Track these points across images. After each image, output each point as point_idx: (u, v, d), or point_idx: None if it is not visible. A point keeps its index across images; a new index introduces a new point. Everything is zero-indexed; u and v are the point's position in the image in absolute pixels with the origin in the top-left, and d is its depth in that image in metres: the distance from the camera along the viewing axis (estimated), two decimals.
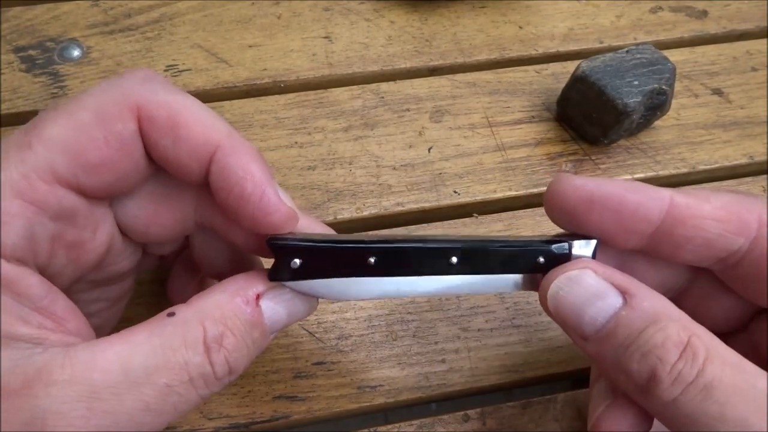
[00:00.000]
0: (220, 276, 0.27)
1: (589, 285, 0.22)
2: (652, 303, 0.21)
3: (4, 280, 0.20)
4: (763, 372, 0.20)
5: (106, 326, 0.27)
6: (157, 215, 0.25)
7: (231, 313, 0.22)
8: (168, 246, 0.27)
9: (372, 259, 0.23)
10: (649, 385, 0.20)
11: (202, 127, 0.22)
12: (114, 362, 0.20)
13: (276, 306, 0.23)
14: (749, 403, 0.19)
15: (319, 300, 0.25)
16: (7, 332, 0.20)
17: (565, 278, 0.23)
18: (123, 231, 0.25)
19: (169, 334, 0.21)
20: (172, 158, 0.22)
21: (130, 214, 0.24)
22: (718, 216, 0.23)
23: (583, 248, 0.24)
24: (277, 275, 0.23)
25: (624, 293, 0.22)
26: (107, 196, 0.23)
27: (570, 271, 0.23)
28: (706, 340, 0.20)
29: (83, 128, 0.21)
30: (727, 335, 0.26)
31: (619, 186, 0.23)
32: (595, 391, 0.25)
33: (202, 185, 0.23)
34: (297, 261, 0.23)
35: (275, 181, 0.23)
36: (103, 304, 0.26)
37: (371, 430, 0.30)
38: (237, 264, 0.27)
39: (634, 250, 0.24)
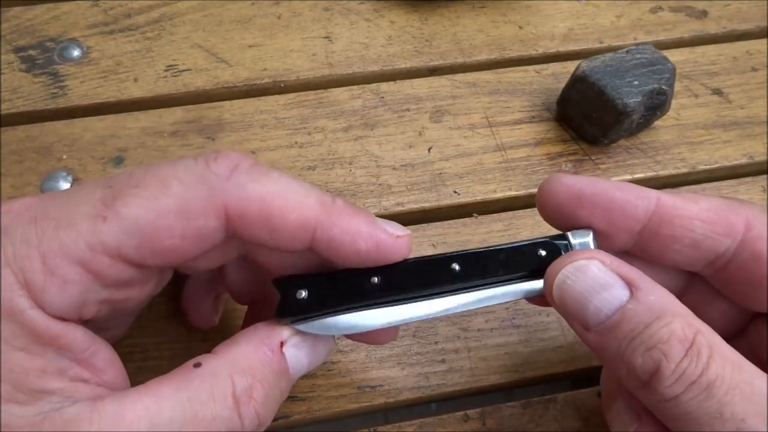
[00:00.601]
0: (250, 300, 0.28)
1: (595, 275, 0.22)
2: (658, 297, 0.21)
3: (49, 336, 0.20)
4: (762, 373, 0.20)
5: (118, 335, 0.27)
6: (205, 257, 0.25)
7: (259, 364, 0.22)
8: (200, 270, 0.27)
9: (375, 279, 0.23)
10: (651, 381, 0.20)
11: (295, 211, 0.22)
12: (142, 417, 0.20)
13: (298, 353, 0.23)
14: (748, 403, 0.19)
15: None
16: (41, 387, 0.20)
17: (572, 267, 0.23)
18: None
19: (197, 388, 0.21)
20: (272, 245, 0.23)
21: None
22: (705, 217, 0.23)
23: (581, 237, 0.24)
24: (285, 311, 0.23)
25: (630, 285, 0.22)
26: (164, 270, 0.24)
27: (578, 260, 0.23)
28: (709, 338, 0.20)
29: (163, 216, 0.21)
30: (725, 340, 0.26)
31: (608, 184, 0.24)
32: (615, 414, 0.24)
33: None
34: (303, 292, 0.23)
35: (373, 217, 0.23)
36: (120, 320, 0.26)
37: (371, 430, 0.30)
38: (269, 290, 0.27)
39: (626, 253, 0.24)
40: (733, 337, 0.26)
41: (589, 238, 0.24)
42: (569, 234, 0.24)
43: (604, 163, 0.38)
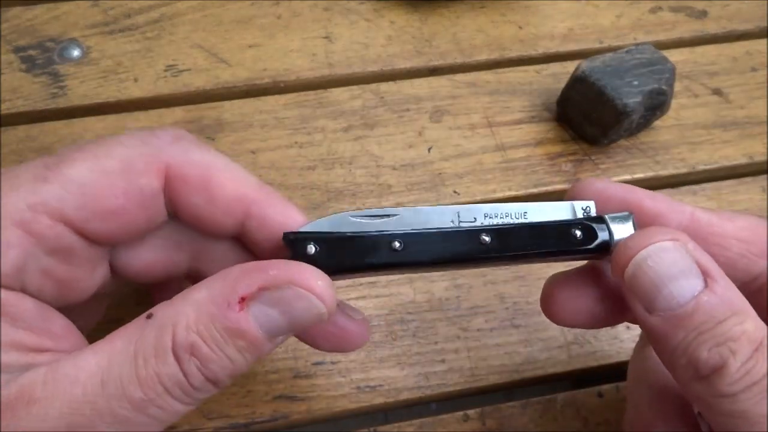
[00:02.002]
0: (153, 282, 0.26)
1: (677, 260, 0.21)
2: (733, 294, 0.21)
3: (3, 306, 0.20)
4: None
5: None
6: (153, 263, 0.24)
7: (206, 318, 0.20)
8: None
9: (396, 244, 0.22)
10: (711, 376, 0.20)
11: (234, 183, 0.22)
12: (94, 375, 0.19)
13: (270, 310, 0.20)
14: None
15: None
16: None
17: (656, 248, 0.21)
18: (113, 270, 0.24)
19: (143, 342, 0.20)
20: (206, 215, 0.22)
21: (126, 259, 0.24)
22: (742, 236, 0.23)
23: (620, 222, 0.23)
24: None
25: (706, 275, 0.21)
26: (107, 244, 0.23)
27: (662, 241, 0.21)
28: None
29: (105, 175, 0.21)
30: None
31: (640, 193, 0.23)
32: None
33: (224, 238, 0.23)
34: (311, 247, 0.22)
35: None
36: (72, 316, 0.26)
37: (371, 429, 0.30)
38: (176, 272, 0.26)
39: None
40: None
41: (629, 224, 0.23)
42: (607, 218, 0.23)
43: (604, 163, 0.38)
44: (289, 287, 0.20)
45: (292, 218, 0.22)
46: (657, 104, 0.37)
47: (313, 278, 0.21)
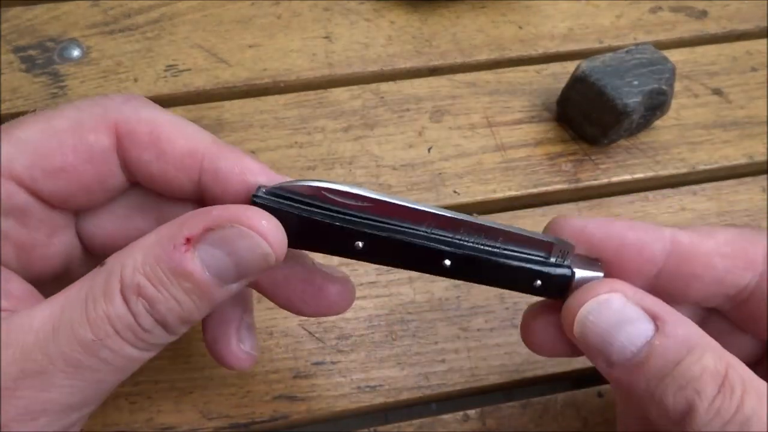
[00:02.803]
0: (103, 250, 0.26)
1: (619, 309, 0.21)
2: (686, 331, 0.20)
3: None
4: None
5: None
6: (118, 233, 0.24)
7: (152, 260, 0.19)
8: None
9: (359, 244, 0.22)
10: (684, 420, 0.19)
11: (185, 138, 0.22)
12: (46, 322, 0.19)
13: (217, 252, 0.20)
14: None
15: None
16: None
17: (594, 303, 0.21)
18: (83, 243, 0.24)
19: (93, 286, 0.20)
20: (157, 172, 0.22)
21: (91, 228, 0.24)
22: (725, 252, 0.22)
23: (589, 271, 0.23)
24: None
25: (655, 319, 0.21)
26: (66, 206, 0.23)
27: (599, 294, 0.21)
28: (740, 371, 0.20)
29: (55, 134, 0.21)
30: None
31: (619, 226, 0.23)
32: None
33: (183, 200, 0.23)
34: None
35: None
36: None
37: (371, 430, 0.30)
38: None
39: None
40: (753, 365, 0.26)
41: (599, 274, 0.22)
42: (576, 271, 0.22)
43: (604, 163, 0.38)
44: (232, 226, 0.20)
45: (249, 169, 0.22)
46: (657, 104, 0.37)
47: (257, 218, 0.20)
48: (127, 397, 0.30)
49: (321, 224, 0.22)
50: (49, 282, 0.23)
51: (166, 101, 0.40)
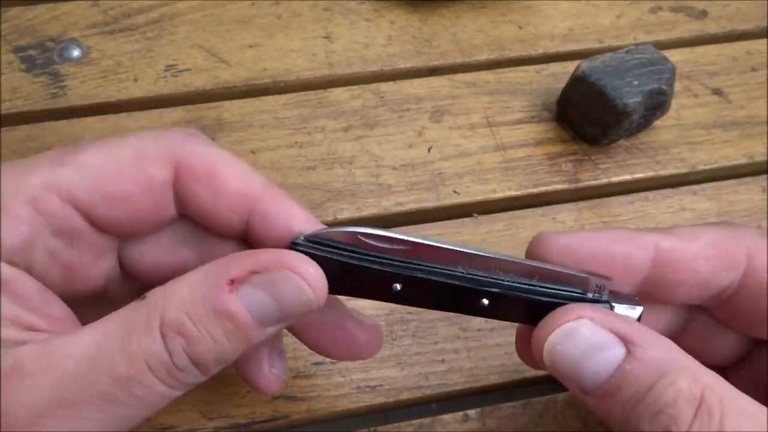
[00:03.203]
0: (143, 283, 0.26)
1: (587, 337, 0.21)
2: (658, 353, 0.20)
3: (3, 279, 0.20)
4: None
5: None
6: (160, 262, 0.25)
7: (196, 299, 0.20)
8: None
9: (398, 286, 0.22)
10: None
11: (241, 180, 0.22)
12: (86, 350, 0.19)
13: (261, 294, 0.20)
14: None
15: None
16: None
17: (560, 332, 0.21)
18: (123, 267, 0.25)
19: (134, 320, 0.20)
20: (210, 209, 0.23)
21: (134, 254, 0.24)
22: (707, 254, 0.23)
23: (628, 309, 0.22)
24: None
25: (627, 342, 0.20)
26: (115, 232, 0.23)
27: (565, 323, 0.21)
28: (718, 391, 0.19)
29: (118, 162, 0.22)
30: (726, 368, 0.26)
31: (603, 239, 0.23)
32: None
33: (232, 238, 0.24)
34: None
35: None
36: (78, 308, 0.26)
37: (371, 429, 0.30)
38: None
39: None
40: (736, 363, 0.26)
41: (637, 312, 0.22)
42: (615, 306, 0.22)
43: (604, 163, 0.38)
44: (279, 271, 0.20)
45: (295, 216, 0.23)
46: (657, 104, 0.37)
47: (304, 264, 0.21)
48: None
49: (359, 268, 0.22)
50: (87, 302, 0.24)
51: (166, 101, 0.40)
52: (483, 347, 0.32)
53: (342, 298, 0.26)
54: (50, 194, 0.21)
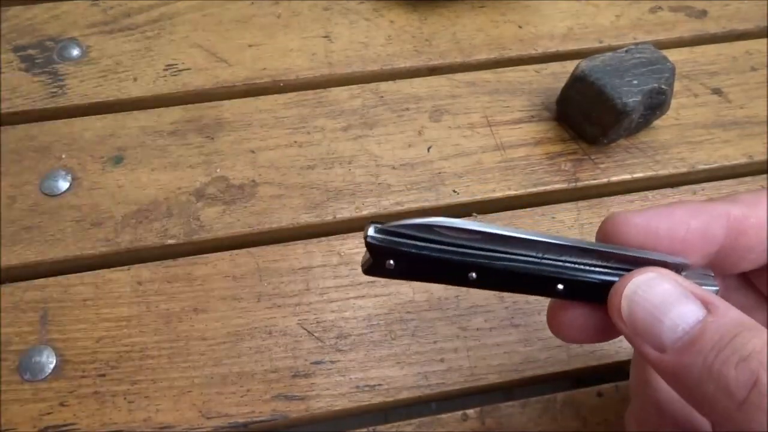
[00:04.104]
0: None
1: (669, 289, 0.20)
2: (738, 313, 0.20)
3: None
4: None
5: None
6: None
7: None
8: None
9: (473, 275, 0.22)
10: (750, 396, 0.18)
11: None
12: None
13: None
14: None
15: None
16: None
17: (644, 279, 0.21)
18: None
19: None
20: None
21: None
22: None
23: (707, 285, 0.22)
24: (371, 271, 0.22)
25: (706, 304, 0.20)
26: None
27: (650, 273, 0.21)
28: None
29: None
30: None
31: (679, 214, 0.22)
32: None
33: None
34: (391, 262, 0.22)
35: None
36: None
37: (370, 429, 0.30)
38: None
39: None
40: None
41: (714, 288, 0.22)
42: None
43: (604, 162, 0.38)
44: None
45: None
46: (657, 104, 0.37)
47: None
48: (125, 396, 0.30)
49: (436, 260, 0.22)
50: None
51: (165, 100, 0.40)
52: (482, 347, 0.32)
53: None
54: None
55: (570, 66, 0.41)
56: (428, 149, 0.38)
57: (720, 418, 0.19)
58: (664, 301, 0.20)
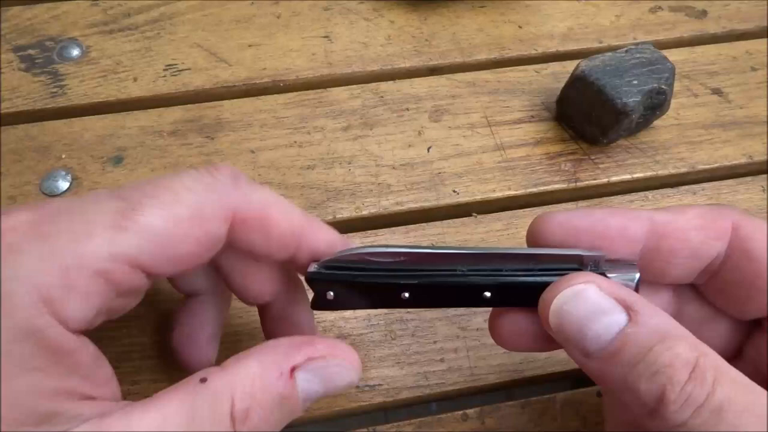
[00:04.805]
0: (257, 298, 0.27)
1: (593, 300, 0.22)
2: (659, 320, 0.21)
3: (66, 353, 0.20)
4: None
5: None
6: (196, 282, 0.27)
7: (262, 387, 0.21)
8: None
9: (406, 295, 0.24)
10: (658, 407, 0.20)
11: (287, 220, 0.24)
12: None
13: (312, 378, 0.22)
14: (760, 424, 0.19)
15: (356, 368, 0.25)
16: (51, 409, 0.20)
17: (570, 292, 0.22)
18: None
19: (200, 405, 0.20)
20: (260, 248, 0.24)
21: (173, 280, 0.26)
22: (698, 224, 0.24)
23: (626, 275, 0.23)
24: (316, 305, 0.24)
25: (628, 309, 0.21)
26: (168, 277, 0.24)
27: (574, 285, 0.22)
28: (713, 360, 0.20)
29: (179, 224, 0.22)
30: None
31: (600, 213, 0.24)
32: None
33: None
34: (331, 293, 0.24)
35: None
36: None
37: (370, 429, 0.30)
38: (276, 283, 0.27)
39: None
40: (732, 358, 0.26)
41: (635, 276, 0.23)
42: (612, 276, 0.23)
43: (604, 162, 0.38)
44: (335, 359, 0.23)
45: (334, 241, 0.25)
46: (656, 104, 0.37)
47: (354, 354, 0.23)
48: (125, 397, 0.30)
49: (369, 285, 0.24)
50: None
51: (165, 100, 0.40)
52: (482, 347, 0.32)
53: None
54: (119, 264, 0.21)
55: (570, 66, 0.41)
56: (428, 149, 0.38)
57: (638, 417, 0.21)
58: (588, 314, 0.21)
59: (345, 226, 0.36)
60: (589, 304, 0.22)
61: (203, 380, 0.21)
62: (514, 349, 0.26)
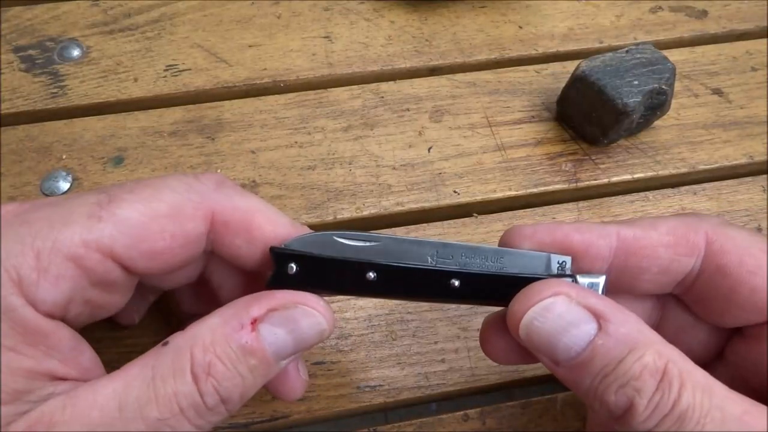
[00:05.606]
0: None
1: (563, 313, 0.22)
2: (628, 328, 0.21)
3: (39, 334, 0.20)
4: (734, 395, 0.20)
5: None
6: (177, 282, 0.26)
7: (221, 339, 0.21)
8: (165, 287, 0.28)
9: (371, 275, 0.23)
10: (625, 416, 0.20)
11: (271, 224, 0.24)
12: (111, 399, 0.20)
13: (278, 330, 0.22)
14: (720, 425, 0.20)
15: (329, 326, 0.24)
16: (26, 387, 0.20)
17: (539, 308, 0.22)
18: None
19: (161, 365, 0.21)
20: (244, 255, 0.24)
21: (151, 280, 0.26)
22: (666, 241, 0.24)
23: (591, 279, 0.24)
24: (275, 282, 0.23)
25: (599, 318, 0.21)
26: (147, 276, 0.24)
27: (544, 299, 0.22)
28: (680, 365, 0.20)
29: (155, 218, 0.22)
30: (706, 366, 0.26)
31: (566, 229, 0.24)
32: None
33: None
34: (293, 266, 0.23)
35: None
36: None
37: (371, 429, 0.30)
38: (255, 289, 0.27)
39: None
40: (713, 360, 0.26)
41: (600, 281, 0.23)
42: (578, 277, 0.24)
43: (604, 162, 0.38)
44: (296, 306, 0.22)
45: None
46: (657, 104, 0.37)
47: (315, 299, 0.23)
48: None
49: (335, 261, 0.23)
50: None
51: (165, 101, 0.40)
52: None
53: None
54: (92, 251, 0.21)
55: (570, 66, 0.41)
56: (429, 149, 0.38)
57: (605, 419, 0.22)
58: (557, 327, 0.22)
59: (346, 227, 0.36)
60: (558, 317, 0.22)
61: (165, 343, 0.21)
62: (507, 363, 0.26)
